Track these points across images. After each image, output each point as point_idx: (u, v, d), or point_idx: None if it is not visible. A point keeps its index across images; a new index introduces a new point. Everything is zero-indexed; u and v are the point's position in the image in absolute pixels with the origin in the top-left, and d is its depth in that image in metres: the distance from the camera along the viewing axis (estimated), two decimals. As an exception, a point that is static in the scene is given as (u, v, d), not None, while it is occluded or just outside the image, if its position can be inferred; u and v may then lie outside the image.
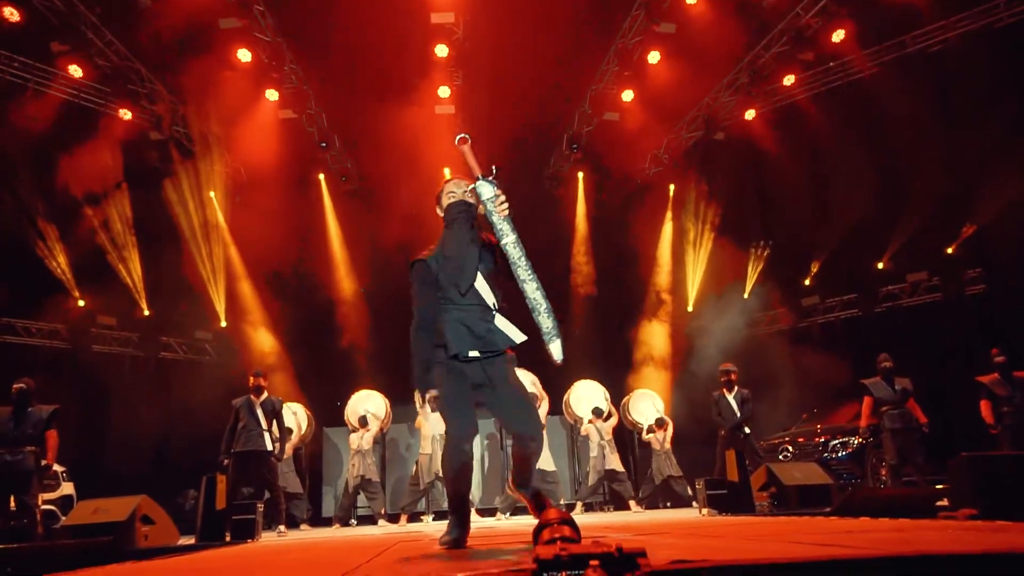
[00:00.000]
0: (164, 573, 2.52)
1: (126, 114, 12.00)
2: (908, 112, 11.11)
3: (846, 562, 1.61)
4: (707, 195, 13.85)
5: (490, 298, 3.48)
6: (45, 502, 8.08)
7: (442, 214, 3.74)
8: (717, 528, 3.65)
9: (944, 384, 10.09)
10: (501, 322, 3.46)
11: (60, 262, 11.66)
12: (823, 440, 9.03)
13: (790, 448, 9.26)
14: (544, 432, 9.42)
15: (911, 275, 12.06)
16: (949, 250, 11.63)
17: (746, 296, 13.69)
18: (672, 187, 14.23)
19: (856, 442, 8.67)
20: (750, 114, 12.92)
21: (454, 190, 3.74)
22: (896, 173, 11.88)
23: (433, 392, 3.46)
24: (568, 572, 1.14)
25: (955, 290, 11.55)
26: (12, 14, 9.83)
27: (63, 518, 7.82)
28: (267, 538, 6.77)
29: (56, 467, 8.44)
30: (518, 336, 3.45)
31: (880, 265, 12.40)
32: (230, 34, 11.25)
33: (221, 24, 11.01)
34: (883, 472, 8.21)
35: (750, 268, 13.59)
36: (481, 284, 3.47)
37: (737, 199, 13.57)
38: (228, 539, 6.06)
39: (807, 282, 13.29)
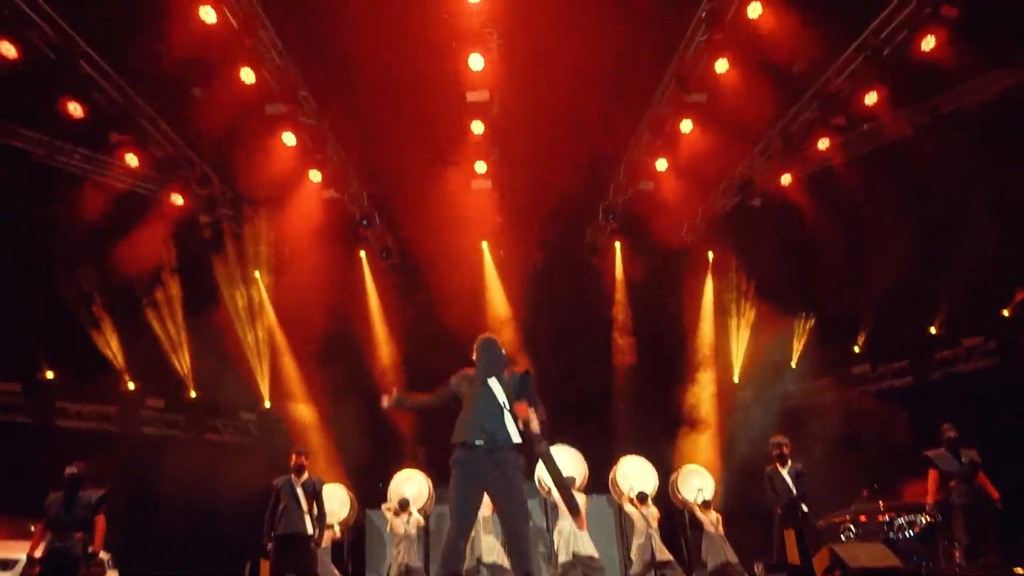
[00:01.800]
0: None
1: (177, 199, 12.45)
2: (948, 172, 10.94)
3: None
4: (747, 262, 13.69)
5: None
6: (91, 590, 8.03)
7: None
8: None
9: (1012, 455, 9.56)
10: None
11: (112, 346, 11.95)
12: (888, 519, 8.55)
13: (852, 528, 8.79)
14: (583, 513, 9.14)
15: (966, 339, 11.63)
16: (1005, 312, 11.23)
17: (793, 365, 13.33)
18: (711, 254, 14.12)
19: (924, 520, 8.19)
20: (786, 179, 12.85)
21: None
22: (940, 234, 11.64)
23: None
24: None
25: (1014, 354, 11.09)
26: (76, 109, 10.37)
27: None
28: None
29: (102, 554, 8.42)
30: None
31: (932, 330, 12.00)
32: (276, 119, 11.66)
33: (267, 110, 11.43)
34: (956, 554, 7.70)
35: (795, 335, 13.27)
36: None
37: (778, 265, 13.37)
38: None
39: (856, 349, 12.90)
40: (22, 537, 8.31)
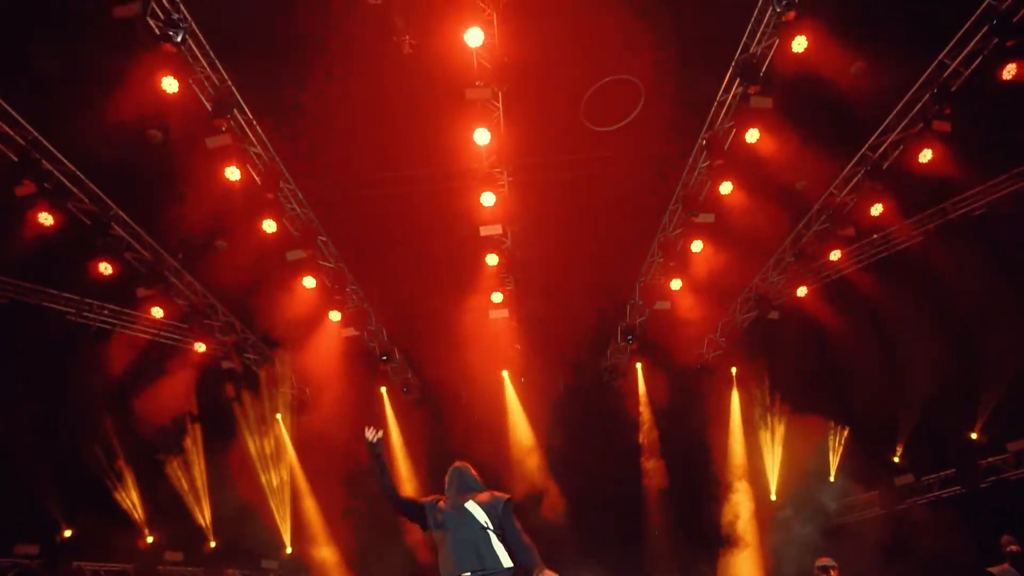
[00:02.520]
0: None
1: (200, 347, 12.62)
2: (965, 273, 10.89)
3: None
4: (772, 375, 13.49)
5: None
6: None
7: None
8: None
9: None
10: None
11: (132, 498, 11.77)
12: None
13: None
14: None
15: (1011, 443, 11.18)
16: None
17: (831, 479, 12.81)
18: (734, 369, 13.95)
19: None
20: (802, 291, 12.87)
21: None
22: (968, 335, 11.43)
23: None
24: None
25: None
26: (106, 268, 10.74)
27: None
28: None
29: None
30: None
31: (974, 435, 11.57)
32: (296, 264, 11.98)
33: (288, 256, 11.77)
34: None
35: (831, 448, 12.84)
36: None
37: (804, 376, 13.15)
38: None
39: (896, 459, 12.41)
40: None
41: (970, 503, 11.42)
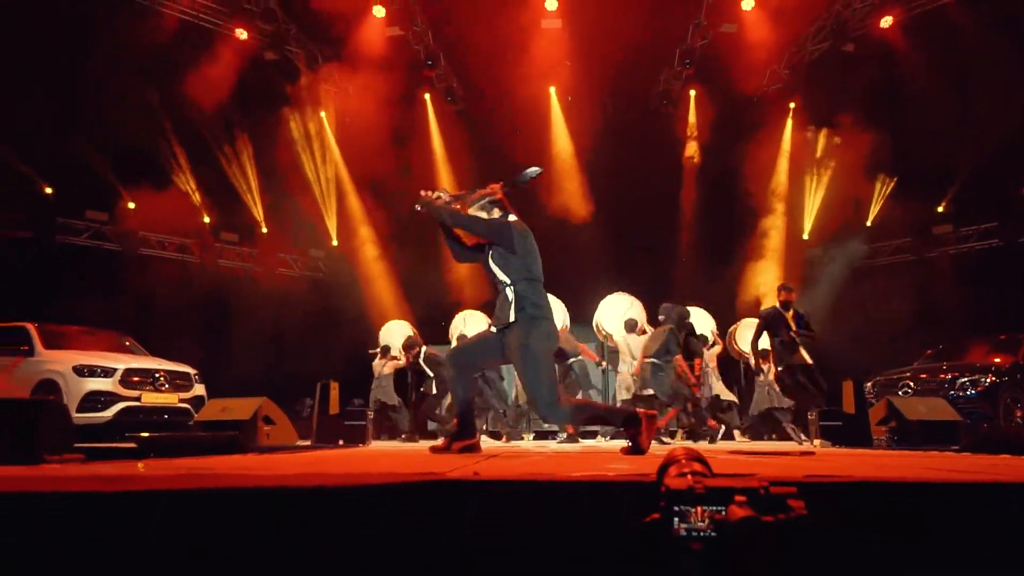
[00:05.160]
0: (282, 464, 2.63)
1: (242, 33, 12.27)
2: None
3: (988, 486, 1.44)
4: (833, 113, 12.82)
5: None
6: (181, 400, 8.82)
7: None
8: (839, 458, 3.46)
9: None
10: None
11: (189, 181, 12.34)
12: (949, 377, 8.43)
13: (911, 384, 8.71)
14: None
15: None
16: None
17: (869, 223, 12.78)
18: (792, 105, 13.26)
19: (988, 380, 8.05)
20: (886, 21, 11.70)
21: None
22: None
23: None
24: (704, 508, 1.01)
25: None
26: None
27: (195, 415, 8.52)
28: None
29: (189, 369, 9.15)
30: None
31: (1025, 191, 11.22)
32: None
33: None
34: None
35: (876, 192, 12.61)
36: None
37: (867, 118, 12.45)
38: (341, 444, 6.38)
39: (940, 208, 12.21)
40: (117, 350, 9.07)
41: (1004, 257, 11.41)
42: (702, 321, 10.39)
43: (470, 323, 11.20)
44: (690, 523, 1.01)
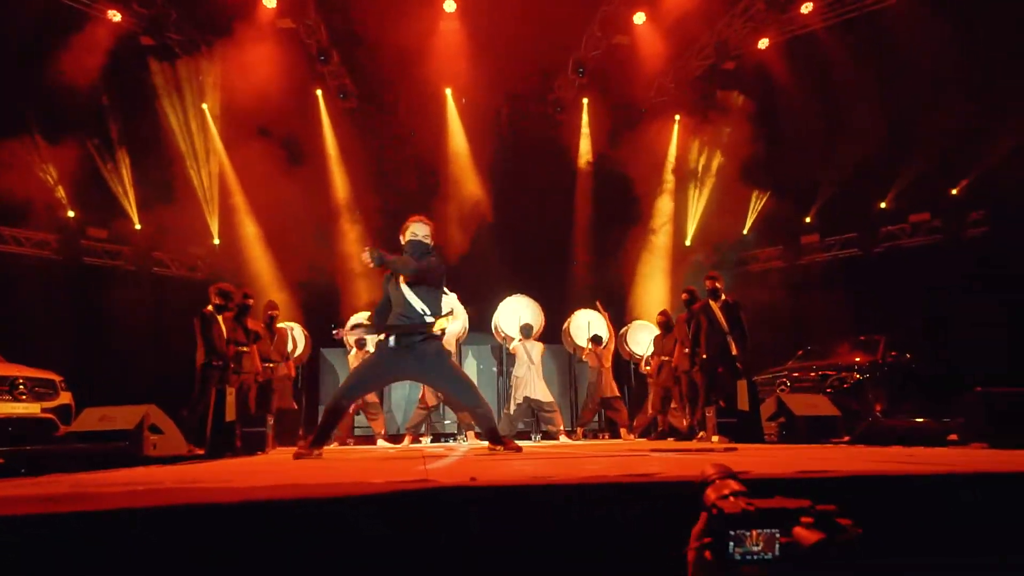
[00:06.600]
0: (197, 474, 2.45)
1: (115, 16, 11.38)
2: (927, 47, 10.76)
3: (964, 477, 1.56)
4: (711, 128, 13.58)
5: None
6: (44, 409, 8.03)
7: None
8: (754, 454, 3.65)
9: (942, 322, 10.21)
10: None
11: (51, 171, 11.27)
12: (820, 375, 9.13)
13: (787, 382, 9.36)
14: (539, 362, 9.48)
15: (913, 215, 12.03)
16: (954, 191, 11.57)
17: (745, 232, 13.63)
18: (678, 117, 13.93)
19: (854, 378, 8.78)
20: (763, 43, 12.56)
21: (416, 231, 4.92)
22: (908, 111, 11.64)
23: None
24: (759, 531, 1.01)
25: (955, 231, 11.54)
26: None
27: (62, 426, 7.80)
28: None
29: (53, 376, 8.35)
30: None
31: (883, 205, 12.33)
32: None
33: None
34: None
35: (752, 203, 13.47)
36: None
37: (743, 132, 13.29)
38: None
39: (808, 219, 13.22)
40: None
41: (863, 265, 12.49)
42: (598, 325, 10.69)
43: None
44: (745, 546, 1.01)
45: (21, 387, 7.94)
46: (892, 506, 1.35)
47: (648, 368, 10.43)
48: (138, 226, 12.47)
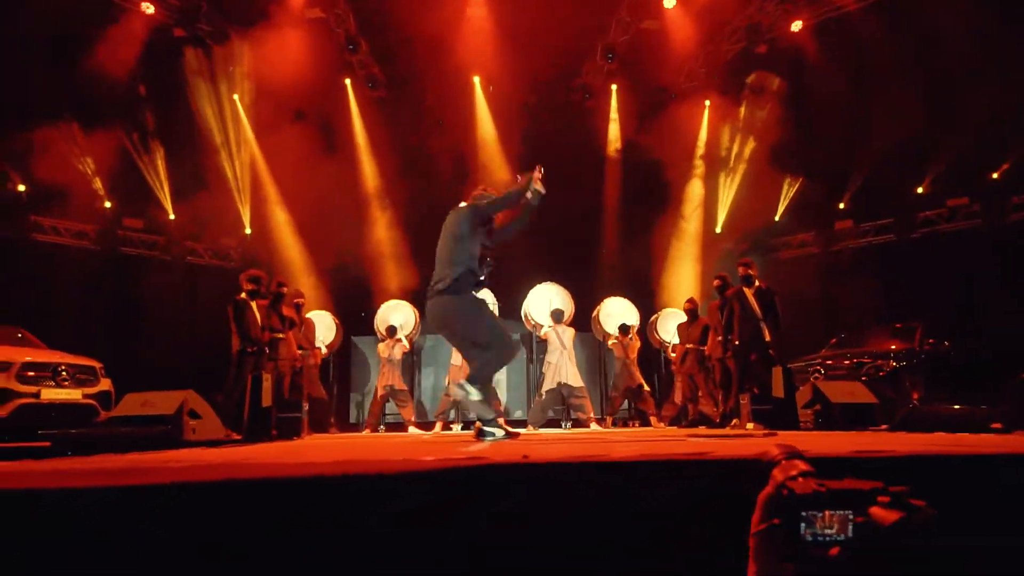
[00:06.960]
0: (245, 455, 2.49)
1: (148, 8, 11.52)
2: (965, 26, 10.46)
3: None
4: (745, 112, 13.38)
5: None
6: (85, 395, 8.21)
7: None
8: (795, 439, 3.61)
9: (978, 309, 10.01)
10: None
11: (88, 162, 11.49)
12: (855, 363, 8.99)
13: (821, 370, 9.24)
14: (571, 347, 9.47)
15: (951, 200, 11.75)
16: (994, 175, 11.28)
17: (777, 219, 13.44)
18: (708, 102, 13.74)
19: (891, 365, 8.64)
20: (796, 25, 12.31)
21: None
22: (946, 94, 11.35)
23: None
24: (833, 512, 1.00)
25: (996, 216, 11.26)
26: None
27: (103, 411, 7.97)
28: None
29: (93, 363, 8.54)
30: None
31: (920, 189, 12.07)
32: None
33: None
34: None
35: (784, 189, 13.27)
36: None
37: (776, 117, 13.08)
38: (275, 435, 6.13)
39: (842, 205, 12.99)
40: (10, 343, 8.34)
41: (899, 251, 12.26)
42: (627, 314, 10.63)
43: (395, 313, 11.00)
44: (816, 528, 1.00)
45: (64, 373, 8.12)
46: (958, 486, 1.33)
47: (674, 355, 10.38)
48: (172, 216, 12.67)
